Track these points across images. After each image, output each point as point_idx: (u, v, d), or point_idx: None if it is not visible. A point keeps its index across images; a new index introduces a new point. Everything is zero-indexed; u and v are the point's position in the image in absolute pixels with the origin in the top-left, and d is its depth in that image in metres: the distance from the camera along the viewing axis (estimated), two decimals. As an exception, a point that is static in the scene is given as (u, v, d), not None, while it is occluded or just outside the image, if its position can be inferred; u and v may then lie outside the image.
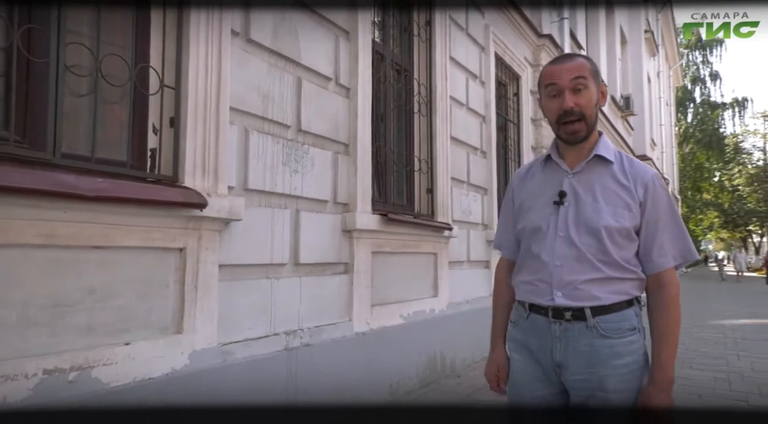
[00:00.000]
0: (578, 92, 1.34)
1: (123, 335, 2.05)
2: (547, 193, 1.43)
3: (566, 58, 1.40)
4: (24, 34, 1.82)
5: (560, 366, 1.37)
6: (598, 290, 1.33)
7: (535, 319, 1.41)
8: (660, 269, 1.37)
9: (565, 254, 1.36)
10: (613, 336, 1.33)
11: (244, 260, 2.62)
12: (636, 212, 1.35)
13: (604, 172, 1.38)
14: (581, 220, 1.36)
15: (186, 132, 2.31)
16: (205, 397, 2.32)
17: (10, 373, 1.70)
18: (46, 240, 1.81)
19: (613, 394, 1.31)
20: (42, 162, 1.85)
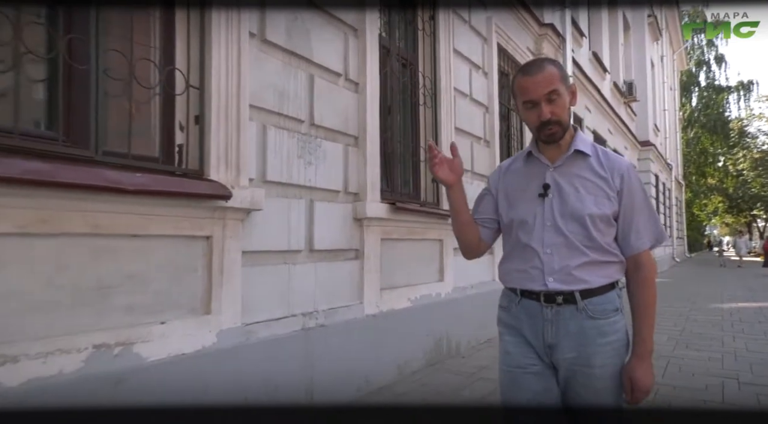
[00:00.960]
0: (552, 102, 1.43)
1: (158, 315, 2.26)
2: (532, 186, 1.53)
3: (535, 68, 1.45)
4: (67, 43, 2.01)
5: (551, 347, 1.47)
6: (587, 274, 1.44)
7: (526, 304, 1.50)
8: (637, 251, 1.48)
9: (554, 241, 1.46)
10: (600, 317, 1.44)
11: (263, 247, 2.82)
12: (614, 200, 1.46)
13: (583, 165, 1.49)
14: (566, 209, 1.46)
15: (210, 129, 2.50)
16: (231, 372, 2.54)
17: (65, 347, 1.91)
18: (92, 229, 2.01)
19: (598, 369, 1.43)
20: (86, 159, 2.04)
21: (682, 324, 6.36)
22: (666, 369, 4.18)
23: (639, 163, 15.45)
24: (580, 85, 9.12)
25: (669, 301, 8.53)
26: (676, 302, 8.45)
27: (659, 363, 4.36)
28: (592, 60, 10.59)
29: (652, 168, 15.94)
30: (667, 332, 5.78)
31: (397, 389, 3.59)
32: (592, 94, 10.13)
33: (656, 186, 16.78)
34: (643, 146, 15.42)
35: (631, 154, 14.62)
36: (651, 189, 15.79)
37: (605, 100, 11.15)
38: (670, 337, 5.53)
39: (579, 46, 9.26)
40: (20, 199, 1.78)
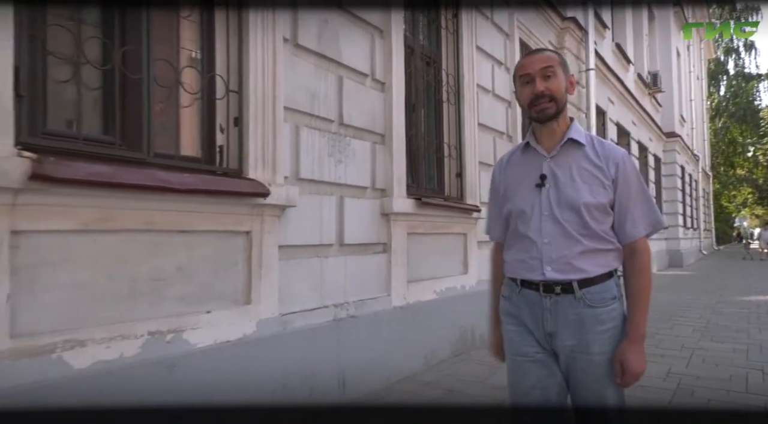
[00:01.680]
0: (548, 79, 1.46)
1: (205, 304, 2.44)
2: (529, 176, 1.54)
3: (537, 52, 1.55)
4: (122, 55, 2.18)
5: (551, 335, 1.50)
6: (585, 263, 1.46)
7: (526, 293, 1.53)
8: (633, 238, 1.50)
9: (552, 231, 1.48)
10: (598, 306, 1.47)
11: (298, 242, 2.97)
12: (609, 188, 1.48)
13: (578, 154, 1.51)
14: (562, 199, 1.48)
15: (248, 130, 2.66)
16: (270, 359, 2.70)
17: (125, 333, 2.09)
18: (146, 226, 2.18)
19: (597, 355, 1.47)
20: (139, 161, 2.21)
21: (708, 317, 6.35)
22: (690, 360, 4.23)
23: (664, 155, 15.24)
24: (602, 77, 9.07)
25: (695, 293, 8.47)
26: (702, 294, 8.39)
27: (683, 354, 4.42)
28: (616, 52, 10.49)
29: (677, 159, 15.69)
30: (692, 324, 5.79)
31: (425, 378, 3.72)
32: (615, 86, 10.05)
33: (682, 178, 16.52)
34: (669, 138, 15.19)
35: (656, 146, 14.43)
36: (676, 181, 15.55)
37: (629, 91, 11.05)
38: (695, 329, 5.55)
39: (602, 38, 9.20)
40: (84, 198, 1.96)
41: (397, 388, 3.47)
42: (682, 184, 16.39)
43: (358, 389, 3.25)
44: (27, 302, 1.82)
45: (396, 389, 3.46)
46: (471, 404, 3.19)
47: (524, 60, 1.53)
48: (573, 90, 1.54)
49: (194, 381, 2.30)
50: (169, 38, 2.41)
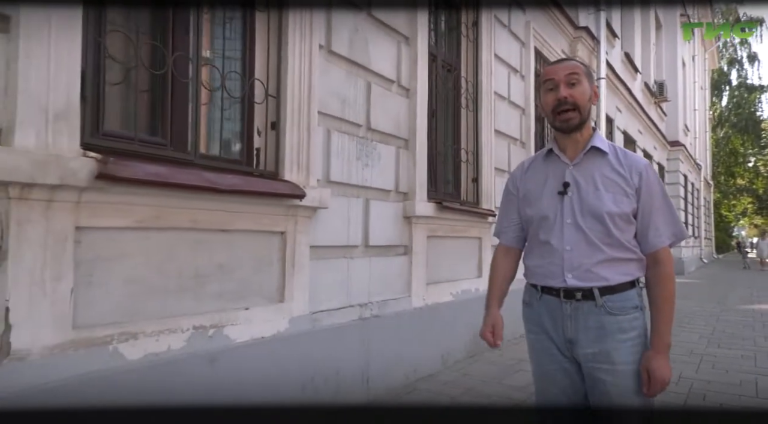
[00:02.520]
0: (572, 86, 1.47)
1: (243, 301, 2.53)
2: (551, 184, 1.54)
3: (563, 60, 1.57)
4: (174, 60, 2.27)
5: (571, 342, 1.50)
6: (606, 272, 1.46)
7: (547, 300, 1.54)
8: (656, 248, 1.50)
9: (574, 239, 1.48)
10: (619, 313, 1.46)
11: (327, 242, 3.06)
12: (632, 197, 1.48)
13: (602, 163, 1.51)
14: (585, 207, 1.48)
15: (285, 134, 2.75)
16: (301, 355, 2.79)
17: (172, 327, 2.18)
18: (191, 224, 2.27)
19: (621, 365, 1.45)
20: (186, 162, 2.30)
21: (713, 324, 6.44)
22: (699, 365, 4.32)
23: (668, 164, 15.35)
24: (611, 85, 9.18)
25: (698, 302, 8.57)
26: (706, 303, 8.49)
27: (692, 359, 4.51)
28: (624, 61, 10.61)
29: (681, 168, 15.81)
30: (699, 331, 5.88)
31: (442, 378, 3.81)
32: (623, 94, 10.16)
33: (685, 186, 16.64)
34: (673, 146, 15.31)
35: (661, 155, 14.54)
36: (679, 189, 15.67)
37: (636, 100, 11.16)
38: (701, 335, 5.64)
39: (612, 47, 9.31)
40: (140, 197, 2.05)
41: (417, 386, 3.56)
42: (684, 192, 16.51)
43: (381, 387, 3.34)
44: (87, 295, 1.90)
45: (417, 387, 3.55)
46: (490, 404, 3.27)
47: (550, 67, 1.55)
48: (596, 99, 1.56)
49: (233, 375, 2.39)
50: (214, 44, 2.50)
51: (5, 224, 1.68)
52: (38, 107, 1.73)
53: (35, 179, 1.69)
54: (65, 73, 1.79)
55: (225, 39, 2.58)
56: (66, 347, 1.82)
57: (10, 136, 1.67)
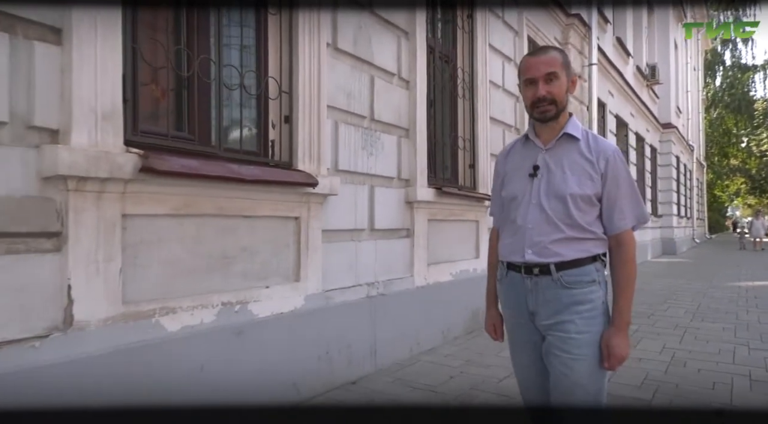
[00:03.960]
0: (550, 82, 1.53)
1: (264, 280, 2.79)
2: (525, 166, 1.64)
3: (540, 51, 1.61)
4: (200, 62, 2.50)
5: (533, 314, 1.60)
6: (562, 249, 1.55)
7: (512, 275, 1.63)
8: (619, 230, 1.58)
9: (536, 218, 1.57)
10: (574, 287, 1.54)
11: (336, 226, 3.31)
12: (597, 181, 1.56)
13: (572, 148, 1.59)
14: (551, 189, 1.57)
15: (298, 127, 2.99)
16: (316, 329, 3.06)
17: (204, 303, 2.44)
18: (218, 211, 2.52)
19: (575, 334, 1.54)
20: (212, 155, 2.54)
21: (699, 300, 6.77)
22: (683, 338, 4.62)
23: (660, 146, 15.61)
24: (603, 70, 9.38)
25: (688, 279, 8.90)
26: (695, 280, 8.82)
27: (677, 332, 4.82)
28: (616, 45, 10.80)
29: (673, 150, 16.08)
30: (685, 307, 6.21)
31: (443, 351, 4.10)
32: (615, 79, 10.37)
33: (677, 168, 16.93)
34: (665, 129, 15.55)
35: (653, 137, 14.80)
36: (672, 171, 15.96)
37: (628, 84, 11.37)
38: (687, 311, 5.96)
39: (603, 32, 9.49)
40: (174, 187, 2.29)
41: (420, 359, 3.85)
42: (677, 174, 16.80)
43: (388, 359, 3.63)
44: (132, 275, 2.16)
45: (420, 359, 3.84)
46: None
47: (529, 60, 1.59)
48: (574, 89, 1.61)
49: (257, 346, 2.66)
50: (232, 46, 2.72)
51: (65, 212, 1.92)
52: (89, 110, 1.96)
53: (89, 173, 1.93)
54: (110, 79, 2.03)
55: (242, 41, 2.79)
56: (117, 319, 2.08)
57: (67, 136, 1.91)
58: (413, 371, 3.59)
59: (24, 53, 1.83)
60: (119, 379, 2.06)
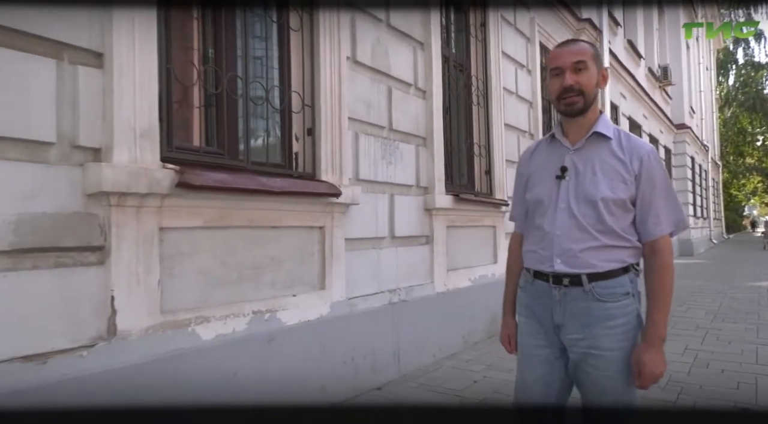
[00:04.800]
0: (579, 72, 1.43)
1: (291, 289, 2.87)
2: (551, 168, 1.52)
3: (571, 42, 1.51)
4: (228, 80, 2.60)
5: (559, 326, 1.49)
6: (594, 258, 1.43)
7: (538, 284, 1.53)
8: (655, 236, 1.45)
9: (566, 224, 1.46)
10: (608, 300, 1.43)
11: (359, 235, 3.39)
12: (631, 184, 1.43)
13: (603, 148, 1.47)
14: (580, 192, 1.45)
15: (320, 139, 3.07)
16: (341, 336, 3.13)
17: (236, 312, 2.52)
18: (248, 223, 2.61)
19: (608, 352, 1.43)
20: (240, 168, 2.64)
21: (720, 300, 6.73)
22: (704, 338, 4.62)
23: (675, 146, 15.52)
24: (615, 73, 9.40)
25: (707, 280, 8.84)
26: (714, 281, 8.75)
27: (698, 333, 4.81)
28: (627, 48, 10.80)
29: (687, 150, 15.97)
30: (706, 308, 6.18)
31: (464, 356, 4.14)
32: (627, 81, 10.37)
33: (692, 168, 16.79)
34: (679, 129, 15.46)
35: (667, 138, 14.71)
36: (687, 172, 15.84)
37: (640, 86, 11.36)
38: (708, 311, 5.94)
39: (614, 35, 9.52)
40: (208, 200, 2.38)
41: (443, 364, 3.90)
42: (692, 174, 16.67)
43: (411, 365, 3.68)
44: (169, 285, 2.25)
45: (442, 365, 3.89)
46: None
47: (557, 50, 1.50)
48: (605, 84, 1.51)
49: (286, 353, 2.73)
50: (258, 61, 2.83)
51: (108, 227, 2.02)
52: (128, 129, 2.06)
53: (130, 189, 2.02)
54: (147, 99, 2.13)
55: (267, 57, 2.89)
56: (157, 328, 2.17)
57: (109, 154, 2.01)
58: (437, 376, 3.64)
59: (69, 77, 1.94)
60: (160, 386, 2.14)
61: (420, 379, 3.56)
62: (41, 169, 1.85)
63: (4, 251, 1.75)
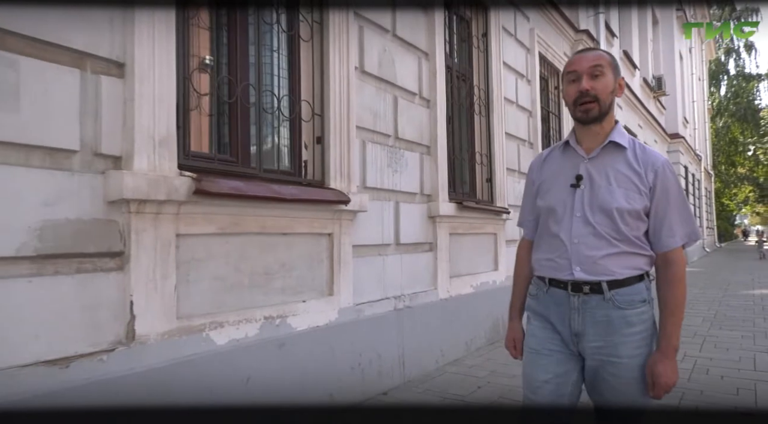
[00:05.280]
0: (595, 78, 1.43)
1: (301, 295, 2.90)
2: (565, 176, 1.52)
3: (589, 49, 1.52)
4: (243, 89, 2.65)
5: (578, 335, 1.48)
6: (614, 265, 1.44)
7: (554, 292, 1.51)
8: (668, 248, 1.46)
9: (582, 232, 1.46)
10: (627, 307, 1.44)
11: (365, 242, 3.43)
12: (646, 195, 1.44)
13: (618, 158, 1.47)
14: (595, 202, 1.46)
15: (329, 147, 3.12)
16: (349, 341, 3.16)
17: (248, 317, 2.55)
18: (260, 229, 2.65)
19: (627, 359, 1.44)
20: (252, 176, 2.68)
21: (716, 308, 6.81)
22: (702, 346, 4.68)
23: (669, 156, 15.67)
24: (611, 83, 9.52)
25: (702, 288, 8.94)
26: (709, 289, 8.85)
27: (696, 340, 4.88)
28: (623, 58, 10.95)
29: (681, 160, 16.15)
30: (702, 315, 6.25)
31: (467, 362, 4.18)
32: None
33: (686, 178, 16.98)
34: (673, 139, 15.65)
35: (661, 148, 14.88)
36: (681, 181, 16.01)
37: (635, 96, 11.51)
38: (704, 318, 6.01)
39: (610, 47, 9.65)
40: (222, 208, 2.42)
41: (446, 370, 3.94)
42: (685, 184, 16.85)
43: (415, 370, 3.72)
44: (185, 291, 2.28)
45: (446, 370, 3.92)
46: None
47: (574, 57, 1.51)
48: (621, 92, 1.51)
49: (297, 357, 2.76)
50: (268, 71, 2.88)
51: (127, 233, 2.06)
52: (147, 137, 2.10)
53: (149, 196, 2.06)
54: (165, 107, 2.17)
55: (279, 67, 2.95)
56: (173, 333, 2.20)
57: (129, 162, 2.05)
58: (441, 381, 3.67)
59: (92, 86, 1.98)
60: (176, 390, 2.17)
61: (425, 384, 3.60)
62: (65, 176, 1.89)
63: (29, 257, 1.78)
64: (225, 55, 2.67)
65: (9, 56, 1.74)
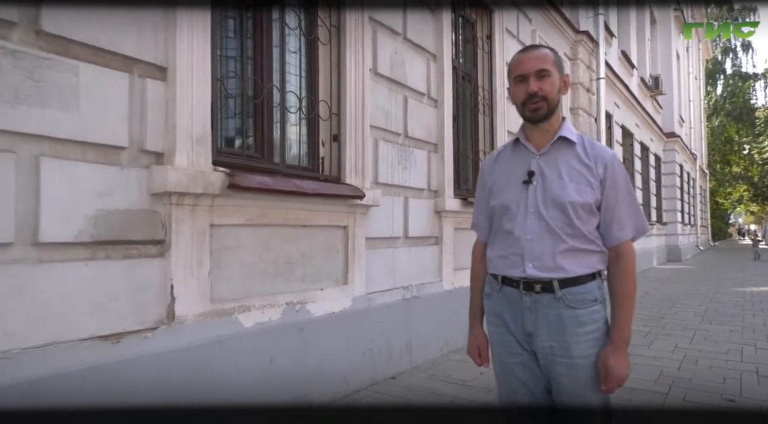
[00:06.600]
0: (542, 79, 1.44)
1: (319, 283, 3.10)
2: (517, 173, 1.51)
3: (532, 48, 1.51)
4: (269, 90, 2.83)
5: (530, 335, 1.47)
6: (566, 262, 1.44)
7: (507, 291, 1.50)
8: (619, 241, 1.48)
9: (536, 228, 1.46)
10: (578, 307, 1.44)
11: (377, 234, 3.63)
12: (597, 188, 1.45)
13: (568, 153, 1.49)
14: (548, 196, 1.46)
15: (345, 145, 3.31)
16: (362, 328, 3.37)
17: (271, 303, 2.75)
18: (283, 221, 2.84)
19: (579, 359, 1.44)
20: (276, 171, 2.87)
21: (707, 304, 7.05)
22: (693, 338, 4.91)
23: (664, 154, 15.94)
24: (609, 83, 9.72)
25: (694, 285, 9.18)
26: (701, 286, 9.10)
27: (686, 333, 5.11)
28: (621, 58, 11.15)
29: (677, 159, 16.40)
30: (693, 310, 6.49)
31: (469, 350, 4.39)
32: (620, 90, 10.72)
33: (681, 176, 17.23)
34: (669, 138, 15.89)
35: (657, 146, 15.12)
36: (676, 179, 16.27)
37: (633, 95, 11.72)
38: (695, 313, 6.25)
39: (609, 46, 9.85)
40: (250, 200, 2.61)
41: (450, 357, 4.15)
42: (680, 182, 17.11)
43: (421, 357, 3.93)
44: (217, 277, 2.48)
45: (450, 358, 4.14)
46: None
47: (519, 57, 1.50)
48: (566, 89, 1.52)
49: (315, 341, 2.97)
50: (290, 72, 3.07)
51: (168, 223, 2.25)
52: (187, 135, 2.29)
53: (188, 189, 2.25)
54: (202, 108, 2.36)
55: (300, 68, 3.13)
56: (207, 315, 2.40)
57: (171, 158, 2.24)
58: (446, 367, 3.88)
59: (138, 89, 2.16)
60: (208, 368, 2.37)
61: (430, 370, 3.81)
62: (115, 170, 2.08)
63: (85, 243, 1.97)
64: (250, 57, 2.85)
65: (71, 62, 1.92)
